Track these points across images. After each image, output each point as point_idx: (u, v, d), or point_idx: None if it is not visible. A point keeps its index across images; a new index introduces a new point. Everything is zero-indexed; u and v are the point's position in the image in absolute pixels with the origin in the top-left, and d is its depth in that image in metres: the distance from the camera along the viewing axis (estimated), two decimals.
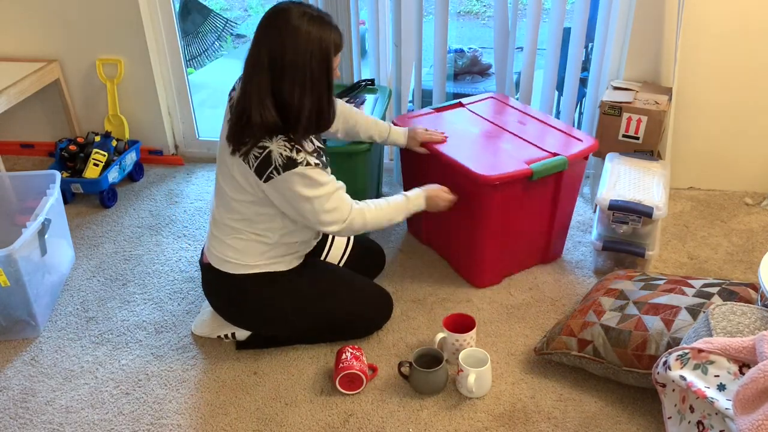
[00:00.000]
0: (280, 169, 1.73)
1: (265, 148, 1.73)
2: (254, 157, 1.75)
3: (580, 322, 1.94)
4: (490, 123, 2.43)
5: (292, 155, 1.73)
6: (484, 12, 5.88)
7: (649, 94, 2.55)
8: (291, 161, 1.73)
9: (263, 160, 1.74)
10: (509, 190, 2.12)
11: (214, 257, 1.97)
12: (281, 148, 1.73)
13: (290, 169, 1.73)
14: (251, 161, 1.75)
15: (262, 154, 1.73)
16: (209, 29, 4.59)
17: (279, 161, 1.73)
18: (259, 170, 1.75)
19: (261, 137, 1.73)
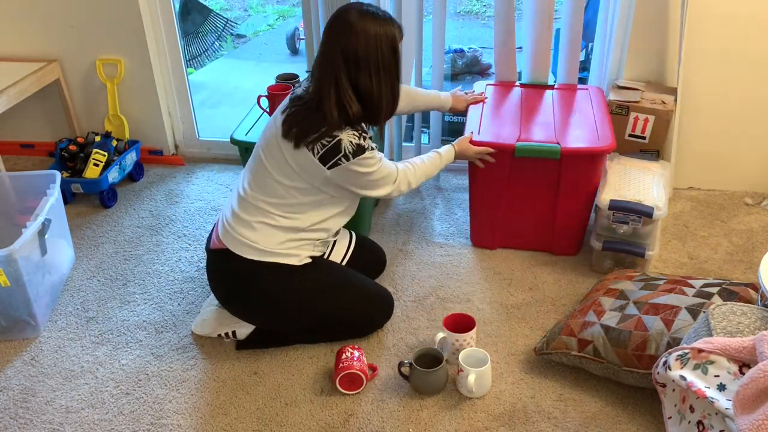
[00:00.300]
0: (350, 156, 1.86)
1: (334, 137, 1.85)
2: (321, 145, 1.85)
3: (580, 322, 1.94)
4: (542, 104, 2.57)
5: (361, 143, 1.88)
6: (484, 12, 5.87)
7: (655, 94, 2.55)
8: (360, 148, 1.87)
9: (331, 149, 1.85)
10: (492, 157, 2.31)
11: (232, 239, 1.96)
12: (350, 137, 1.86)
13: (359, 155, 1.87)
14: (317, 149, 1.86)
15: (331, 143, 1.85)
16: (209, 29, 4.59)
17: (349, 149, 1.86)
18: (324, 158, 1.86)
19: (336, 128, 1.85)
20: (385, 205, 2.82)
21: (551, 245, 2.49)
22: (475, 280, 2.37)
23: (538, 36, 2.65)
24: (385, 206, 2.81)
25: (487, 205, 2.44)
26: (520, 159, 2.29)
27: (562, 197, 2.34)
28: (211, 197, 2.91)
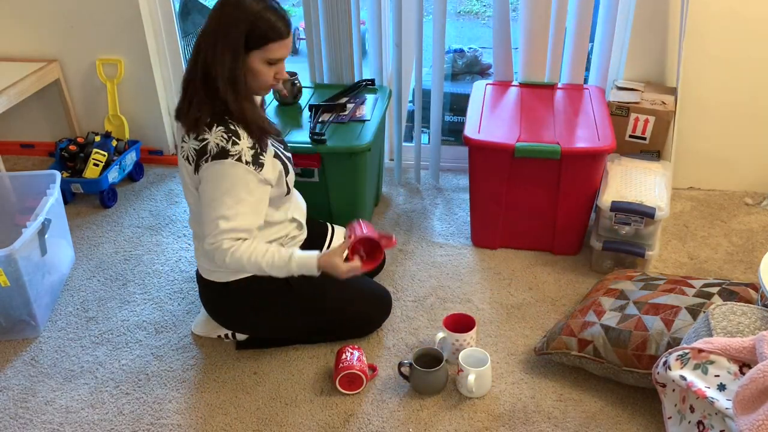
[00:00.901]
0: (209, 158, 1.67)
1: (203, 140, 1.68)
2: (193, 150, 1.70)
3: (580, 322, 1.94)
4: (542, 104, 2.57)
5: (227, 146, 1.67)
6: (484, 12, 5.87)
7: (655, 95, 2.55)
8: (223, 152, 1.67)
9: (200, 151, 1.69)
10: (492, 158, 2.32)
11: (202, 269, 1.97)
12: (217, 138, 1.67)
13: (218, 159, 1.66)
14: (190, 155, 1.71)
15: (200, 145, 1.68)
16: None
17: (213, 150, 1.67)
18: (196, 164, 1.71)
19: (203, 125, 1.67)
20: (385, 205, 2.82)
21: (551, 245, 2.48)
22: (475, 280, 2.37)
23: (534, 36, 2.65)
24: (386, 206, 2.81)
25: (487, 205, 2.44)
26: (520, 159, 2.29)
27: (563, 197, 2.34)
28: None
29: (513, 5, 2.96)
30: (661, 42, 2.59)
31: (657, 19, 2.55)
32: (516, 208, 2.42)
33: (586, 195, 2.35)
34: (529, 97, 2.62)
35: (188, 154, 1.72)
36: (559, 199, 2.35)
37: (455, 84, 3.63)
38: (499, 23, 2.69)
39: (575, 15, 2.61)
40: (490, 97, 2.63)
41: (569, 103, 2.57)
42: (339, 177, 2.38)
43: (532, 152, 2.26)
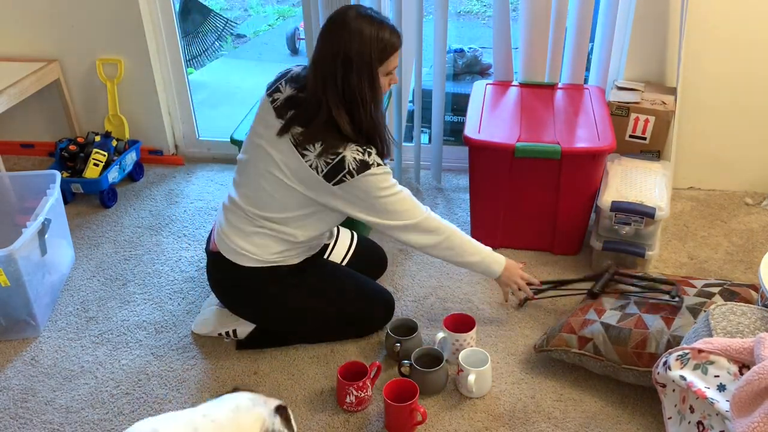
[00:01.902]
0: (354, 173, 1.78)
1: (338, 154, 1.78)
2: (325, 163, 1.79)
3: (580, 320, 1.94)
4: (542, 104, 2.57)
5: (365, 158, 1.79)
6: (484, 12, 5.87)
7: (655, 95, 2.55)
8: (363, 164, 1.79)
9: (336, 165, 1.78)
10: (492, 158, 2.32)
11: (228, 249, 1.95)
12: (354, 152, 1.79)
13: (363, 172, 1.79)
14: (320, 167, 1.79)
15: (335, 160, 1.78)
16: (209, 29, 4.59)
17: (352, 165, 1.78)
18: (329, 175, 1.79)
19: (338, 143, 1.78)
20: None
21: (552, 245, 2.48)
22: (475, 280, 2.37)
23: (534, 36, 2.65)
24: None
25: (487, 205, 2.44)
26: (520, 159, 2.29)
27: (563, 197, 2.34)
28: (211, 197, 2.91)
29: (513, 5, 2.97)
30: (661, 42, 2.59)
31: (657, 19, 2.55)
32: (516, 208, 2.42)
33: (586, 195, 2.35)
34: (529, 97, 2.62)
35: (317, 165, 1.79)
36: (559, 199, 2.35)
37: (455, 84, 3.64)
38: (499, 23, 2.69)
39: (575, 15, 2.61)
40: (490, 97, 2.63)
41: (569, 103, 2.57)
42: None
43: (532, 152, 2.27)
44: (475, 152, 2.36)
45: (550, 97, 2.62)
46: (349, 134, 1.79)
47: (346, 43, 1.74)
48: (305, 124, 1.81)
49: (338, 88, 1.77)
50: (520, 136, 2.33)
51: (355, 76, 1.76)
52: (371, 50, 1.75)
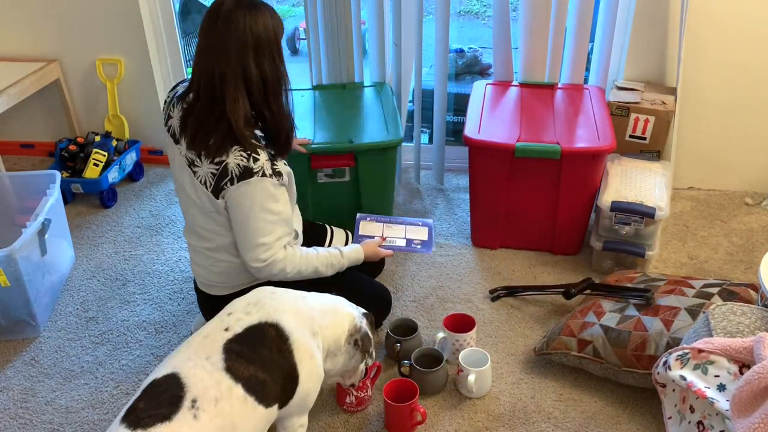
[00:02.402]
0: (234, 180, 1.65)
1: (221, 163, 1.66)
2: (210, 174, 1.68)
3: (579, 322, 1.94)
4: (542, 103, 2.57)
5: (249, 164, 1.65)
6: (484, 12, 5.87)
7: (655, 94, 2.55)
8: (247, 171, 1.65)
9: (220, 175, 1.66)
10: (492, 158, 2.32)
11: (200, 281, 1.94)
12: (236, 158, 1.65)
13: (244, 179, 1.65)
14: (208, 180, 1.69)
15: (219, 170, 1.66)
16: None
17: (235, 171, 1.65)
18: (215, 188, 1.68)
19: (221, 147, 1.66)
20: None
21: (552, 245, 2.48)
22: (475, 280, 2.37)
23: (534, 36, 2.65)
24: None
25: (487, 205, 2.44)
26: (520, 159, 2.29)
27: (563, 197, 2.34)
28: None
29: (513, 5, 2.97)
30: (661, 42, 2.59)
31: (657, 19, 2.55)
32: (516, 208, 2.42)
33: (586, 195, 2.35)
34: (529, 97, 2.62)
35: (205, 179, 1.69)
36: (559, 199, 2.35)
37: (455, 84, 3.64)
38: (499, 23, 2.69)
39: (575, 15, 2.61)
40: (490, 97, 2.63)
41: (569, 103, 2.57)
42: (372, 173, 2.38)
43: (532, 152, 2.27)
44: (475, 152, 2.36)
45: (550, 97, 2.62)
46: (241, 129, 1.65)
47: (252, 29, 1.64)
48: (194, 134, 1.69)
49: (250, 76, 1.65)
50: (520, 136, 2.33)
51: (268, 59, 1.66)
52: (276, 32, 1.68)
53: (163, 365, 1.39)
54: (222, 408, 1.33)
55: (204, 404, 1.32)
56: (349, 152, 2.32)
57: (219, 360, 1.38)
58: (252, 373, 1.40)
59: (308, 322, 1.55)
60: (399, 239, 1.91)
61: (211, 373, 1.36)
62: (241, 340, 1.43)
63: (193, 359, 1.38)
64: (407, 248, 1.87)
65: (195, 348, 1.41)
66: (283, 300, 1.56)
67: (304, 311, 1.56)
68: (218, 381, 1.35)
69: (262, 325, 1.47)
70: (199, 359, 1.38)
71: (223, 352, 1.40)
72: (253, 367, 1.40)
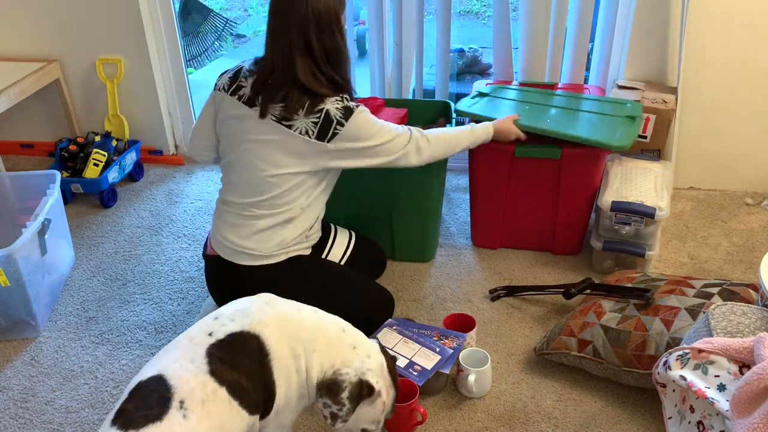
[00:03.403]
0: (343, 122, 1.83)
1: (321, 111, 1.82)
2: (313, 124, 1.83)
3: (579, 322, 1.94)
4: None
5: (347, 104, 1.85)
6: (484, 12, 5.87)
7: (655, 93, 2.55)
8: (347, 110, 1.84)
9: (323, 123, 1.83)
10: (492, 158, 2.32)
11: (226, 249, 1.95)
12: (334, 104, 1.83)
13: (350, 116, 1.84)
14: (309, 130, 1.83)
15: (321, 117, 1.83)
16: (209, 29, 4.59)
17: (338, 115, 1.83)
18: (321, 134, 1.83)
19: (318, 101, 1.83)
20: None
21: (552, 245, 2.48)
22: (475, 280, 2.37)
23: (534, 36, 2.65)
24: None
25: (487, 205, 2.44)
26: (520, 159, 2.29)
27: (563, 197, 2.34)
28: (211, 197, 2.91)
29: (513, 5, 2.97)
30: (662, 41, 2.59)
31: (657, 18, 2.55)
32: (516, 208, 2.42)
33: (587, 195, 2.35)
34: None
35: (306, 129, 1.84)
36: (559, 199, 2.35)
37: (456, 84, 3.64)
38: (499, 23, 2.69)
39: (575, 15, 2.61)
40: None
41: None
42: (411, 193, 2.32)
43: (532, 152, 2.27)
44: (475, 152, 2.36)
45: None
46: (325, 93, 1.84)
47: (313, 8, 1.79)
48: (282, 100, 1.84)
49: (313, 49, 1.81)
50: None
51: (328, 33, 1.82)
52: (336, 9, 1.84)
53: (149, 367, 1.39)
54: (209, 409, 1.33)
55: (192, 405, 1.31)
56: None
57: (203, 363, 1.38)
58: (235, 379, 1.39)
59: (292, 341, 1.49)
60: (403, 358, 1.90)
61: (196, 375, 1.35)
62: (223, 345, 1.42)
63: (179, 361, 1.38)
64: (402, 370, 1.84)
65: (180, 350, 1.41)
66: (273, 311, 1.51)
67: (291, 328, 1.50)
68: (203, 383, 1.35)
69: (244, 334, 1.45)
70: (184, 361, 1.37)
71: (207, 356, 1.39)
72: (236, 373, 1.40)
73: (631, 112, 2.32)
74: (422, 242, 2.39)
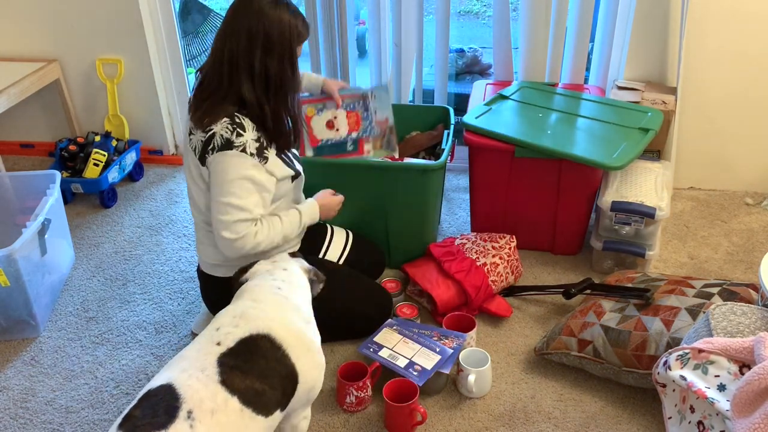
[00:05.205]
0: (215, 149, 1.72)
1: (209, 131, 1.73)
2: (200, 141, 1.75)
3: (579, 322, 1.94)
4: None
5: (231, 137, 1.72)
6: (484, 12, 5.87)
7: (655, 94, 2.55)
8: (227, 143, 1.71)
9: (206, 143, 1.74)
10: (492, 158, 2.32)
11: (204, 263, 1.97)
12: (222, 129, 1.72)
13: (223, 150, 1.71)
14: (197, 147, 1.76)
15: (206, 137, 1.73)
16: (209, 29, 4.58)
17: (217, 141, 1.72)
18: (202, 156, 1.75)
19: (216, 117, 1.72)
20: None
21: (552, 245, 2.48)
22: None
23: (534, 36, 2.65)
24: None
25: (487, 205, 2.44)
26: (520, 159, 2.29)
27: (563, 197, 2.34)
28: None
29: (513, 5, 2.97)
30: (662, 42, 2.59)
31: (657, 18, 2.55)
32: (516, 208, 2.42)
33: (587, 195, 2.35)
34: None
35: (195, 146, 1.77)
36: (559, 199, 2.35)
37: (456, 84, 3.64)
38: (499, 23, 2.69)
39: (575, 15, 2.61)
40: (489, 97, 2.63)
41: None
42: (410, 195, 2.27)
43: (532, 152, 2.26)
44: (475, 152, 2.36)
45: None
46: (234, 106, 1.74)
47: (267, 26, 1.70)
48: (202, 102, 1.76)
49: (254, 70, 1.72)
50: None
51: (276, 60, 1.73)
52: (291, 35, 1.73)
53: (159, 376, 1.38)
54: (218, 420, 1.32)
55: (200, 415, 1.30)
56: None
57: (214, 373, 1.37)
58: (249, 385, 1.39)
59: (296, 314, 1.54)
60: (403, 358, 1.90)
61: (206, 385, 1.35)
62: (234, 353, 1.42)
63: (188, 371, 1.37)
64: (402, 370, 1.85)
65: (190, 360, 1.40)
66: (267, 307, 1.53)
67: (288, 308, 1.55)
68: (214, 393, 1.34)
69: (253, 338, 1.45)
70: (194, 371, 1.37)
71: (218, 365, 1.38)
72: (249, 379, 1.39)
73: (647, 124, 2.30)
74: (419, 245, 2.37)
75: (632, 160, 2.17)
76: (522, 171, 2.32)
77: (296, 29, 1.75)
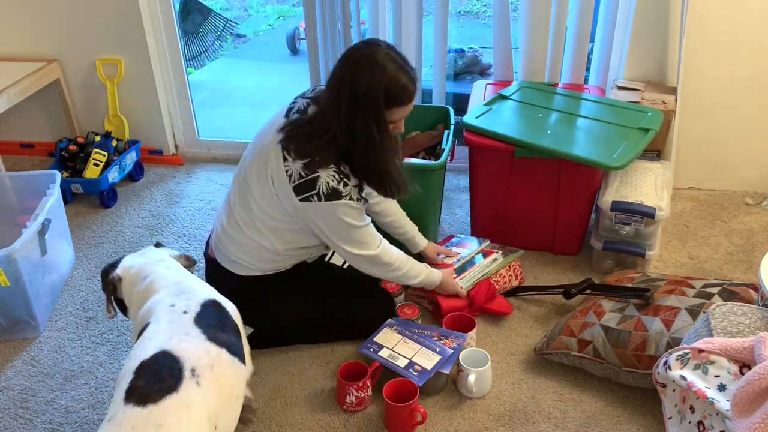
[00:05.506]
0: (322, 197, 1.76)
1: (314, 172, 1.75)
2: (299, 175, 1.76)
3: (580, 322, 1.94)
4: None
5: (338, 187, 1.76)
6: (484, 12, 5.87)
7: (655, 94, 2.55)
8: (335, 193, 1.76)
9: (307, 182, 1.76)
10: (492, 158, 2.32)
11: (223, 256, 1.97)
12: (329, 177, 1.76)
13: (332, 200, 1.77)
14: (294, 177, 1.77)
15: (309, 176, 1.75)
16: (209, 29, 4.59)
17: (323, 189, 1.75)
18: (298, 188, 1.77)
19: (322, 163, 1.75)
20: None
21: (552, 245, 2.48)
22: None
23: (534, 36, 2.65)
24: None
25: (487, 205, 2.44)
26: (520, 159, 2.29)
27: (563, 197, 2.34)
28: (211, 197, 2.91)
29: (513, 5, 2.97)
30: (662, 42, 2.59)
31: (657, 19, 2.55)
32: (516, 208, 2.42)
33: (587, 195, 2.35)
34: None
35: (292, 174, 1.77)
36: (559, 199, 2.35)
37: (455, 84, 3.64)
38: (499, 23, 2.69)
39: (575, 15, 2.61)
40: (489, 97, 2.63)
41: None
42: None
43: (532, 152, 2.26)
44: (475, 152, 2.36)
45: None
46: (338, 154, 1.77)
47: (353, 82, 1.68)
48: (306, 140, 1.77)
49: (341, 122, 1.73)
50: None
51: (361, 119, 1.71)
52: (377, 96, 1.68)
53: (144, 350, 1.41)
54: (217, 372, 1.41)
55: (202, 371, 1.38)
56: None
57: (199, 333, 1.46)
58: (227, 339, 1.50)
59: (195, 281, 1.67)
60: (403, 358, 1.90)
61: (197, 345, 1.43)
62: (203, 315, 1.52)
63: (174, 337, 1.43)
64: (402, 370, 1.85)
65: (168, 331, 1.46)
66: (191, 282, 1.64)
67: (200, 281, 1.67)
68: (207, 349, 1.43)
69: (208, 302, 1.57)
70: (179, 336, 1.44)
71: (198, 326, 1.47)
72: (225, 333, 1.51)
73: (647, 124, 2.30)
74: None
75: (632, 160, 2.17)
76: (522, 171, 2.32)
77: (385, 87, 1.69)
